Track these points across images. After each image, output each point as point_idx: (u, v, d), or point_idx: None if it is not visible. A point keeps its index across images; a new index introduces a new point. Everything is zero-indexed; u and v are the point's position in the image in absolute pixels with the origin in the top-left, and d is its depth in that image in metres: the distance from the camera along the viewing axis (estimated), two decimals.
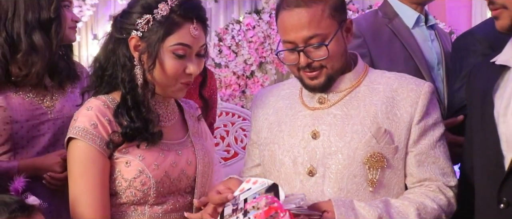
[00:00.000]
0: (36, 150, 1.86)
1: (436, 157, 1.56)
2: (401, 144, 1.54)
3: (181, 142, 1.61)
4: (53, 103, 1.91)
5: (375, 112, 1.55)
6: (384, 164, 1.52)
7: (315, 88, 1.58)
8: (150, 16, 1.49)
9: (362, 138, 1.52)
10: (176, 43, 1.49)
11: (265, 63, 4.97)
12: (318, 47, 1.50)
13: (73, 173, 1.49)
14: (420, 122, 1.55)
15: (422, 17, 2.18)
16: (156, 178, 1.51)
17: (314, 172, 1.55)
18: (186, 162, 1.58)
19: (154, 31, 1.48)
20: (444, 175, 1.56)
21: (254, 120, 1.76)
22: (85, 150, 1.47)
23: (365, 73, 1.63)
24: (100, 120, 1.48)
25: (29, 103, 1.85)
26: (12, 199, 1.28)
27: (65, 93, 1.95)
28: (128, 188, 1.50)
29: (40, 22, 1.82)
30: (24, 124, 1.84)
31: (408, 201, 1.51)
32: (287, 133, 1.61)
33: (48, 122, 1.88)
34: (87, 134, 1.47)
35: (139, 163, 1.50)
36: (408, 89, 1.57)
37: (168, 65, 1.50)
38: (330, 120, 1.57)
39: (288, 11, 1.51)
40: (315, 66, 1.53)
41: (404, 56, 2.07)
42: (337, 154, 1.53)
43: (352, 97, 1.59)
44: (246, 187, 1.45)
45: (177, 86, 1.54)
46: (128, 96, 1.50)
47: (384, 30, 2.12)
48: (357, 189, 1.53)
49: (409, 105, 1.55)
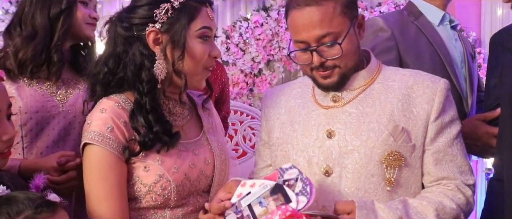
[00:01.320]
0: (45, 144, 1.85)
1: (454, 155, 1.53)
2: (418, 142, 1.51)
3: (197, 141, 1.57)
4: (66, 97, 1.90)
5: (391, 109, 1.52)
6: (402, 163, 1.49)
7: (328, 87, 1.55)
8: (169, 5, 1.44)
9: (379, 136, 1.49)
10: (201, 27, 1.46)
11: (273, 61, 4.93)
12: (331, 46, 1.47)
13: (90, 180, 1.43)
14: (437, 119, 1.52)
15: (447, 16, 2.19)
16: (177, 181, 1.46)
17: (330, 172, 1.52)
18: (204, 162, 1.54)
19: (176, 19, 1.44)
20: (462, 173, 1.53)
21: (265, 120, 1.73)
22: (101, 155, 1.41)
23: (378, 70, 1.60)
24: (115, 122, 1.43)
25: (40, 95, 1.85)
26: (36, 195, 1.25)
27: (80, 88, 1.94)
28: (148, 193, 1.46)
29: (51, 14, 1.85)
30: (34, 116, 1.84)
31: (426, 201, 1.48)
32: (300, 133, 1.58)
33: (58, 115, 1.87)
34: (103, 138, 1.41)
35: (159, 167, 1.45)
36: (424, 86, 1.54)
37: (198, 51, 1.46)
38: (345, 119, 1.54)
39: (299, 10, 1.48)
40: (328, 65, 1.50)
41: (430, 51, 2.06)
42: (353, 153, 1.50)
43: (366, 95, 1.56)
44: (244, 191, 1.38)
45: (204, 73, 1.51)
46: (146, 98, 1.44)
47: (410, 27, 2.11)
48: (375, 188, 1.50)
49: (425, 102, 1.52)
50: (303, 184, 1.33)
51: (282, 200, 1.33)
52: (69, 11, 1.87)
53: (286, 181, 1.36)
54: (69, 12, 1.87)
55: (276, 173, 1.40)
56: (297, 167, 1.40)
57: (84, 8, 1.93)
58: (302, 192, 1.32)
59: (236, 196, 1.38)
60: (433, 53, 2.06)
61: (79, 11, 1.91)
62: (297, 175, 1.36)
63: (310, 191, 1.32)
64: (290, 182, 1.36)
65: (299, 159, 1.56)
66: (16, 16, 1.90)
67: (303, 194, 1.32)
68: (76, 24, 1.90)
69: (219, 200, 1.43)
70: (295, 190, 1.33)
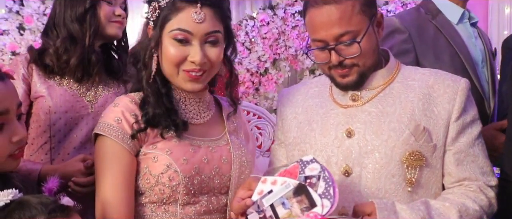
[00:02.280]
0: (72, 145, 1.85)
1: (475, 156, 1.51)
2: (440, 142, 1.49)
3: (216, 139, 1.56)
4: (96, 98, 1.90)
5: (412, 109, 1.49)
6: (423, 163, 1.47)
7: (347, 86, 1.53)
8: (156, 3, 1.47)
9: (399, 136, 1.47)
10: (175, 28, 1.44)
11: (279, 60, 4.90)
12: (350, 45, 1.45)
13: (98, 169, 1.47)
14: (458, 119, 1.49)
15: (467, 13, 2.12)
16: (185, 173, 1.45)
17: (350, 172, 1.50)
18: (220, 159, 1.52)
19: (159, 18, 1.47)
20: (484, 174, 1.51)
21: (281, 119, 1.71)
22: (109, 145, 1.45)
23: (397, 69, 1.58)
24: (125, 115, 1.46)
25: (70, 95, 1.86)
26: (49, 199, 1.22)
27: (110, 89, 1.94)
28: (156, 184, 1.45)
29: (77, 14, 1.86)
30: (63, 116, 1.84)
31: (449, 202, 1.45)
32: (319, 132, 1.56)
33: (87, 116, 1.87)
34: (111, 129, 1.44)
35: (167, 157, 1.45)
36: (445, 85, 1.51)
37: (168, 51, 1.46)
38: (364, 118, 1.51)
39: (317, 8, 1.46)
40: (346, 64, 1.48)
41: (449, 52, 2.01)
42: (374, 153, 1.48)
43: (386, 94, 1.53)
44: (265, 189, 1.35)
45: (181, 75, 1.48)
46: (147, 88, 1.49)
47: (428, 26, 2.06)
48: (395, 189, 1.47)
49: (446, 102, 1.50)
50: (326, 184, 1.30)
51: (306, 202, 1.30)
52: (94, 10, 1.87)
53: (307, 179, 1.32)
54: (93, 11, 1.87)
55: (297, 166, 1.36)
56: (318, 160, 1.37)
57: (108, 6, 1.92)
58: (326, 194, 1.29)
59: (257, 194, 1.35)
60: (453, 54, 2.01)
61: (102, 10, 1.90)
62: (319, 172, 1.33)
63: (334, 193, 1.29)
64: (312, 180, 1.32)
65: (318, 159, 1.52)
66: (50, 18, 1.92)
67: (327, 197, 1.28)
68: (101, 22, 1.90)
69: (239, 199, 1.41)
70: (318, 191, 1.29)
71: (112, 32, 1.93)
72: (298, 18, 4.72)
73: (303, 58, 4.73)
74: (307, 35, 4.66)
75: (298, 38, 4.67)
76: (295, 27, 4.72)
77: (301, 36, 4.68)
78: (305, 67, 4.82)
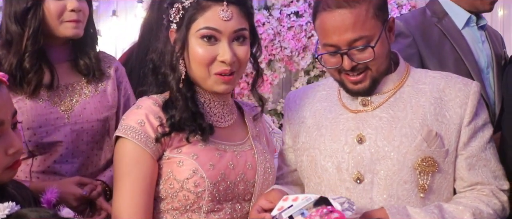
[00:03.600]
0: (53, 158, 1.69)
1: (487, 160, 1.49)
2: (452, 147, 1.47)
3: (240, 144, 1.52)
4: (72, 106, 1.71)
5: (424, 114, 1.47)
6: (435, 169, 1.45)
7: (359, 92, 1.50)
8: (179, 4, 1.42)
9: (412, 142, 1.45)
10: (202, 27, 1.40)
11: (274, 61, 4.87)
12: (363, 50, 1.42)
13: (117, 174, 1.42)
14: (470, 123, 1.48)
15: (474, 17, 2.09)
16: (211, 179, 1.40)
17: (361, 178, 1.47)
18: (245, 165, 1.48)
19: (184, 19, 1.42)
20: (496, 178, 1.50)
21: (288, 123, 1.68)
22: (130, 149, 1.39)
23: (407, 73, 1.56)
24: (148, 118, 1.40)
25: (42, 107, 1.66)
26: (48, 213, 1.15)
27: (88, 93, 1.75)
28: (180, 190, 1.40)
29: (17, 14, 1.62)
30: (37, 131, 1.66)
31: (462, 206, 1.44)
32: (328, 138, 1.53)
33: (64, 127, 1.69)
34: (133, 132, 1.39)
35: (193, 162, 1.40)
36: (456, 89, 1.50)
37: (196, 52, 1.41)
38: (376, 123, 1.49)
39: (329, 12, 1.42)
40: (359, 68, 1.45)
41: (454, 58, 1.99)
42: (386, 159, 1.46)
43: (397, 98, 1.51)
44: (285, 205, 1.33)
45: (213, 79, 1.43)
46: (177, 93, 1.43)
47: (433, 30, 2.03)
48: (408, 195, 1.46)
49: (458, 106, 1.48)
50: (349, 204, 1.29)
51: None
52: (36, 8, 1.62)
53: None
54: (36, 9, 1.62)
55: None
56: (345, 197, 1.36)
57: (57, 1, 1.64)
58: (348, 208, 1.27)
59: (277, 210, 1.33)
60: (458, 60, 1.99)
61: (48, 7, 1.64)
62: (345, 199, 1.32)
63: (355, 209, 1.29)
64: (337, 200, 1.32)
65: (328, 165, 1.51)
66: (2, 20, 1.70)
67: (349, 209, 1.27)
68: (49, 22, 1.65)
69: (259, 208, 1.40)
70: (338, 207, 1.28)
71: (66, 33, 1.67)
72: (293, 19, 4.70)
73: (299, 59, 4.71)
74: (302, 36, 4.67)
75: (294, 39, 4.64)
76: (291, 28, 4.70)
77: (296, 37, 4.66)
78: (301, 68, 4.81)
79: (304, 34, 4.65)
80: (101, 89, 1.79)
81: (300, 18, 4.65)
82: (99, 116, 1.75)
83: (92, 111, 1.74)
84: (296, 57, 4.74)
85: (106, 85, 1.80)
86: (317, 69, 4.81)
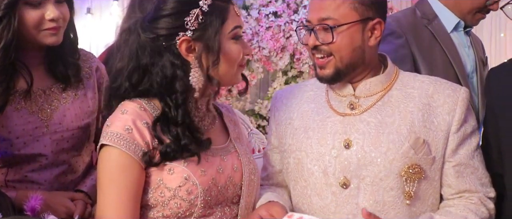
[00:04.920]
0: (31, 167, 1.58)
1: (475, 168, 1.49)
2: (439, 154, 1.47)
3: (224, 147, 1.48)
4: (51, 114, 1.58)
5: (412, 120, 1.46)
6: (422, 176, 1.45)
7: (322, 78, 1.51)
8: (198, 10, 1.35)
9: (399, 148, 1.44)
10: (233, 27, 1.40)
11: (252, 61, 4.83)
12: (326, 30, 1.45)
13: (101, 182, 1.35)
14: (459, 130, 1.47)
15: (462, 23, 2.07)
16: (204, 185, 1.37)
17: (348, 184, 1.47)
18: (232, 168, 1.45)
19: (208, 24, 1.36)
20: (483, 185, 1.50)
21: (275, 124, 1.66)
22: (117, 157, 1.33)
23: (396, 76, 1.54)
24: (136, 125, 1.34)
25: (19, 117, 1.53)
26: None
27: (67, 99, 1.62)
28: (172, 198, 1.36)
29: None
30: (14, 142, 1.54)
31: (452, 216, 1.44)
32: (315, 141, 1.52)
33: (43, 137, 1.57)
34: (120, 139, 1.32)
35: (184, 169, 1.36)
36: (445, 95, 1.49)
37: (233, 52, 1.40)
38: (363, 128, 1.48)
39: None
40: (322, 49, 1.47)
41: (443, 61, 1.98)
42: (372, 165, 1.45)
43: (385, 102, 1.50)
44: None
45: (239, 71, 1.45)
46: (179, 110, 1.36)
47: (424, 32, 2.02)
48: (394, 201, 1.45)
49: (446, 113, 1.47)
50: None
51: None
52: (8, 18, 1.45)
53: None
54: (8, 20, 1.45)
55: None
56: None
57: (34, 10, 1.49)
58: None
59: None
60: (447, 63, 1.98)
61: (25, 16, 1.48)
62: None
63: None
64: None
65: (314, 168, 1.50)
66: None
67: None
68: (24, 32, 1.50)
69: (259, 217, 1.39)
70: None
71: (45, 41, 1.53)
72: (272, 19, 4.66)
73: (277, 59, 4.68)
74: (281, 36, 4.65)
75: (272, 39, 4.61)
76: (269, 28, 4.65)
77: (275, 37, 4.63)
78: (278, 68, 4.78)
79: (283, 34, 4.61)
80: (81, 93, 1.66)
81: (279, 18, 4.62)
82: (80, 123, 1.64)
83: (72, 118, 1.62)
84: (274, 57, 4.70)
85: (86, 89, 1.67)
86: (295, 69, 4.79)
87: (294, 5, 4.66)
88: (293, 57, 4.67)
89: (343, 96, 1.52)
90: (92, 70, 1.70)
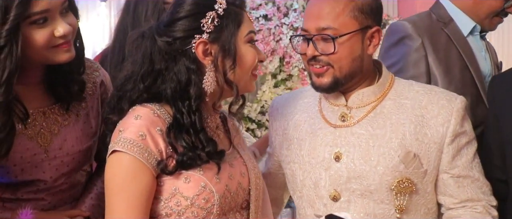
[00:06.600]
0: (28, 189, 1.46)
1: (475, 178, 1.49)
2: (431, 166, 1.46)
3: (230, 153, 1.46)
4: (51, 139, 1.46)
5: (403, 132, 1.45)
6: (413, 189, 1.44)
7: (319, 88, 1.49)
8: (214, 13, 1.34)
9: (389, 163, 1.43)
10: (248, 31, 1.38)
11: None
12: (327, 40, 1.43)
13: (110, 190, 1.30)
14: (453, 142, 1.46)
15: (478, 27, 2.03)
16: (219, 192, 1.34)
17: (338, 197, 1.47)
18: (240, 174, 1.43)
19: (224, 27, 1.34)
20: (485, 193, 1.51)
21: (273, 132, 1.68)
22: (129, 163, 1.28)
23: (390, 84, 1.52)
24: (149, 131, 1.29)
25: (17, 144, 1.38)
26: None
27: (69, 121, 1.49)
28: (189, 207, 1.32)
29: None
30: (12, 169, 1.42)
31: None
32: (307, 152, 1.52)
33: (42, 163, 1.45)
34: (134, 146, 1.27)
35: (201, 177, 1.32)
36: (439, 106, 1.47)
37: (249, 56, 1.37)
38: (354, 141, 1.47)
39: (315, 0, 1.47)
40: (321, 60, 1.44)
41: (460, 65, 1.93)
42: (362, 178, 1.44)
43: (377, 113, 1.48)
44: None
45: (252, 78, 1.42)
46: (193, 117, 1.33)
47: (440, 34, 1.97)
48: (384, 214, 1.45)
49: (440, 124, 1.45)
50: None
51: None
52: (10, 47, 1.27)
53: None
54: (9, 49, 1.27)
55: None
56: None
57: (41, 29, 1.32)
58: None
59: None
60: (464, 67, 1.93)
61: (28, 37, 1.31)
62: None
63: None
64: None
65: (306, 180, 1.51)
66: None
67: None
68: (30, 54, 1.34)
69: None
70: None
71: (59, 59, 1.38)
72: (262, 22, 4.66)
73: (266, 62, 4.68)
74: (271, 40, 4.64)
75: (262, 42, 4.60)
76: (259, 31, 4.65)
77: (265, 41, 4.62)
78: (268, 71, 4.78)
79: (273, 37, 4.60)
80: (83, 113, 1.53)
81: (269, 21, 4.61)
82: (81, 147, 1.52)
83: (73, 142, 1.50)
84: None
85: (89, 108, 1.55)
86: (284, 72, 4.79)
87: (284, 9, 4.65)
88: (283, 60, 4.66)
89: (335, 105, 1.52)
90: (96, 86, 1.58)
